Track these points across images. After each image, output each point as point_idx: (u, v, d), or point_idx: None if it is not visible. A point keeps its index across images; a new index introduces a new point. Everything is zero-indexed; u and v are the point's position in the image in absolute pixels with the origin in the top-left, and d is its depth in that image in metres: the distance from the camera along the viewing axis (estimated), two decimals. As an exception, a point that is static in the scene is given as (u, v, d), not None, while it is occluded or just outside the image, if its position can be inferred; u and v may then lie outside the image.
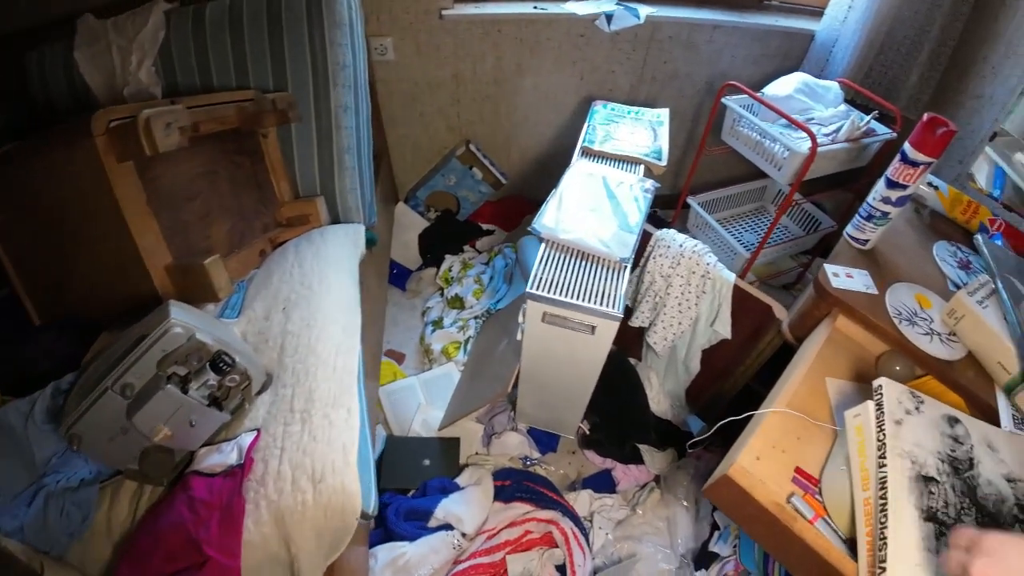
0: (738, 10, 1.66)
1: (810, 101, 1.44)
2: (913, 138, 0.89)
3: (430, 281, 1.73)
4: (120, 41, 1.24)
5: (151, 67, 1.24)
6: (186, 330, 0.82)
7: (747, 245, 1.59)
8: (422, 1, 1.44)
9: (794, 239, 1.63)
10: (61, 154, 0.93)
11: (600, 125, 1.30)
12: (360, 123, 1.34)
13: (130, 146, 0.90)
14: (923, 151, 0.88)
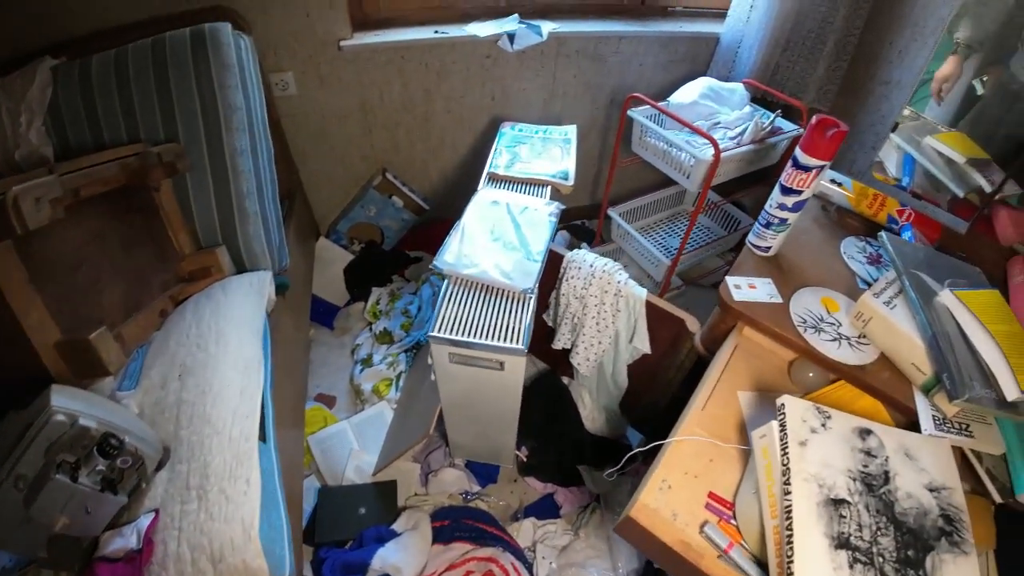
0: (642, 19, 1.69)
1: (716, 105, 1.47)
2: (804, 142, 0.90)
3: (359, 316, 1.68)
4: (8, 103, 1.17)
5: (40, 127, 1.18)
6: (69, 416, 0.78)
7: (671, 250, 1.62)
8: (319, 33, 1.40)
9: (716, 239, 1.67)
10: None
11: (506, 149, 1.29)
12: (261, 165, 1.30)
13: (2, 225, 0.85)
14: (814, 155, 0.89)
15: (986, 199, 1.15)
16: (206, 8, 1.29)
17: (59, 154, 1.20)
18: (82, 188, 0.97)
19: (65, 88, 1.18)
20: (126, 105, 1.18)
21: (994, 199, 1.17)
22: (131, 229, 1.15)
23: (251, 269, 1.28)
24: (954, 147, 1.27)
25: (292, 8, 1.35)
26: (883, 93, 1.86)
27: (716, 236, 1.74)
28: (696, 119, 1.42)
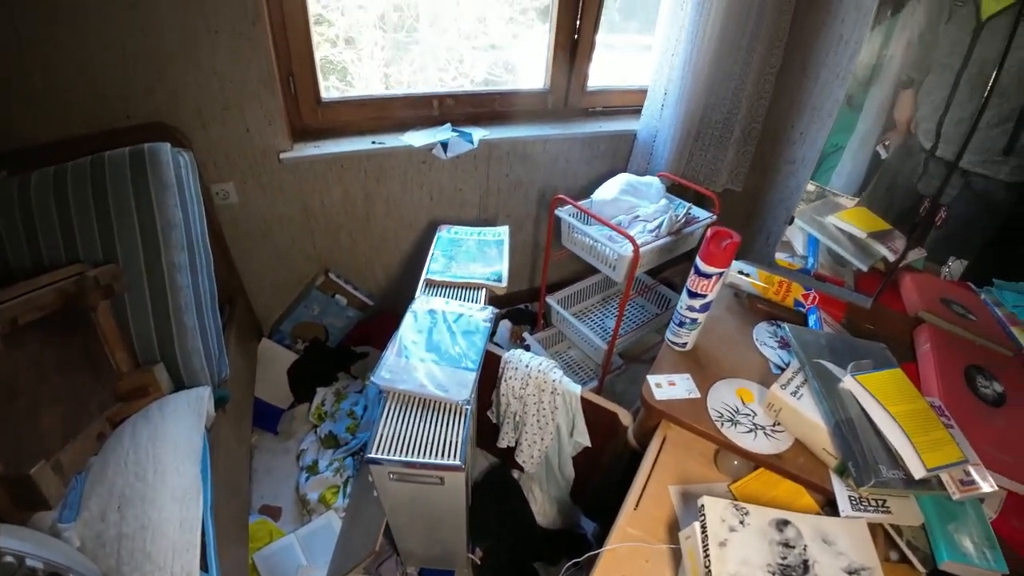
0: (566, 120, 1.85)
1: (635, 199, 1.61)
2: (702, 252, 1.01)
3: (303, 419, 1.67)
4: None
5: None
6: (16, 557, 0.76)
7: (608, 332, 1.71)
8: (258, 146, 1.47)
9: (651, 319, 1.78)
10: None
11: (442, 254, 1.37)
12: (200, 279, 1.31)
13: None
14: (712, 264, 1.00)
15: (890, 268, 1.27)
16: (146, 124, 1.34)
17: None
18: (19, 316, 0.97)
19: (3, 205, 1.18)
20: (65, 224, 1.18)
21: (898, 267, 1.29)
22: (68, 351, 1.13)
23: (190, 385, 1.27)
24: (855, 223, 1.42)
25: (231, 124, 1.42)
26: (790, 171, 2.09)
27: (651, 314, 1.85)
28: (618, 213, 1.55)
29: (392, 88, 2.33)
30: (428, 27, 2.85)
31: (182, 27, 1.27)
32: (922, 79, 1.23)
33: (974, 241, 1.35)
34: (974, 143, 1.16)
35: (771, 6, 1.73)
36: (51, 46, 1.20)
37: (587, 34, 1.76)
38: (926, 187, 1.28)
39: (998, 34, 1.09)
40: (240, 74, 1.36)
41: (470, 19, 2.90)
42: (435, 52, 2.90)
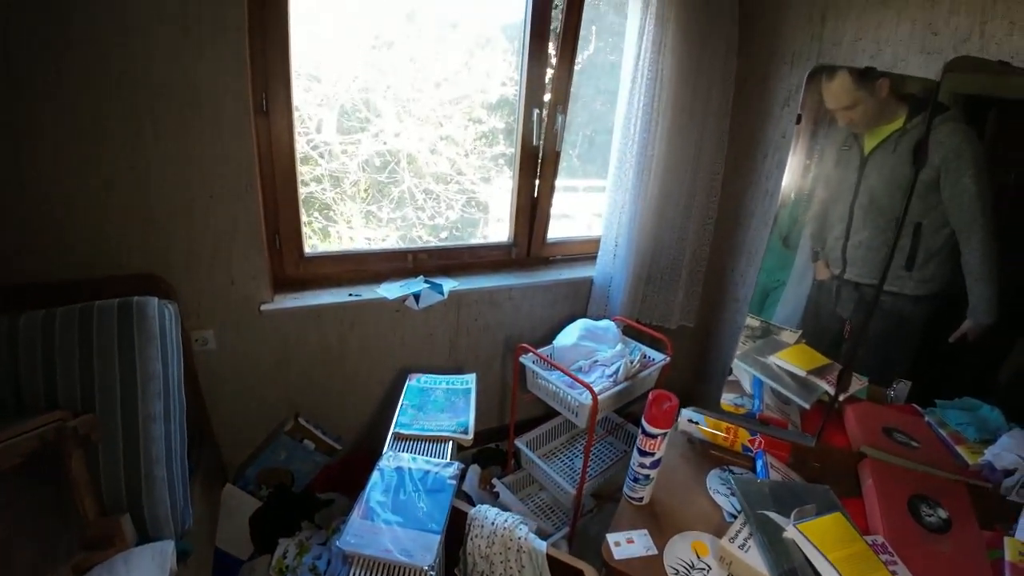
0: (529, 269, 2.04)
1: (593, 344, 1.74)
2: (646, 415, 1.11)
3: (263, 572, 1.60)
4: None
5: None
6: None
7: (577, 472, 1.75)
8: (241, 297, 1.57)
9: (621, 457, 1.84)
10: None
11: (411, 406, 1.44)
12: (172, 428, 1.34)
13: None
14: (656, 425, 1.10)
15: (831, 402, 1.35)
16: (134, 275, 1.43)
17: None
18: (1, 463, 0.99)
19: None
20: (48, 368, 1.23)
21: (838, 401, 1.37)
22: (38, 497, 1.12)
23: (154, 535, 1.26)
24: (795, 362, 1.53)
25: (217, 276, 1.53)
26: (735, 308, 2.28)
27: (619, 452, 1.91)
28: (578, 358, 1.67)
29: (372, 227, 2.54)
30: (407, 170, 3.14)
31: (182, 190, 1.42)
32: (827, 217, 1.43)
33: (898, 357, 1.48)
34: (872, 262, 1.34)
35: (704, 168, 2.02)
36: (55, 196, 1.32)
37: (545, 195, 2.00)
38: (844, 310, 1.44)
39: (879, 165, 1.33)
40: (231, 233, 1.50)
41: (445, 165, 3.22)
42: (413, 193, 3.18)
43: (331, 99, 2.64)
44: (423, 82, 3.03)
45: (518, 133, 1.94)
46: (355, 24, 2.55)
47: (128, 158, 1.35)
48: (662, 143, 1.89)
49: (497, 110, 3.08)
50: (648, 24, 1.76)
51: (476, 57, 2.97)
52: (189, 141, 1.38)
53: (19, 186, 1.28)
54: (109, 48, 1.25)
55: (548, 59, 1.89)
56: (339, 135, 2.73)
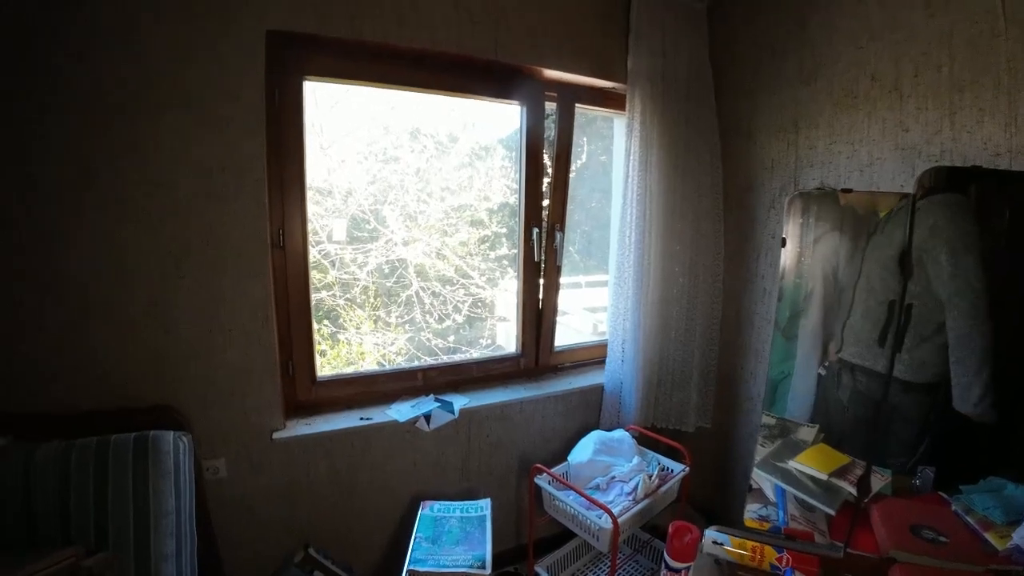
0: (538, 379, 2.06)
1: (609, 458, 1.72)
2: (668, 549, 1.10)
3: None
4: None
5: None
6: None
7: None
8: (254, 426, 1.60)
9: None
10: None
11: (425, 539, 1.41)
12: (183, 567, 1.32)
13: None
14: (679, 559, 1.09)
15: (857, 502, 1.32)
16: (151, 407, 1.47)
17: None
18: None
19: (6, 473, 1.23)
20: (62, 505, 1.23)
21: (864, 502, 1.34)
22: None
23: None
24: (815, 465, 1.50)
25: (230, 406, 1.57)
26: (749, 407, 2.26)
27: (647, 569, 1.83)
28: (595, 475, 1.65)
29: (380, 331, 2.59)
30: (414, 274, 3.26)
31: (201, 326, 1.50)
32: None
33: (905, 443, 1.43)
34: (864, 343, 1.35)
35: (703, 271, 2.09)
36: (78, 331, 1.39)
37: (549, 306, 2.07)
38: (843, 395, 1.44)
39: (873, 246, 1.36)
40: (246, 365, 1.56)
41: (450, 269, 3.35)
42: (421, 297, 3.27)
43: (341, 211, 2.80)
44: (427, 194, 3.23)
45: (520, 251, 2.04)
46: (362, 142, 2.77)
47: (151, 296, 1.44)
48: (657, 251, 1.99)
49: (498, 214, 3.25)
50: (633, 146, 1.92)
51: (476, 168, 3.19)
52: (210, 280, 1.49)
53: (41, 321, 1.36)
54: (136, 201, 1.38)
55: (543, 183, 2.02)
56: (349, 245, 2.88)
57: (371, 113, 2.75)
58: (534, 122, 1.96)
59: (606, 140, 2.76)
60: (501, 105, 2.07)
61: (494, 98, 1.94)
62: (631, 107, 1.90)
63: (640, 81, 1.89)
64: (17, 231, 1.31)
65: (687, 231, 2.05)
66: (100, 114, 1.33)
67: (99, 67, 1.31)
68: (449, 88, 1.84)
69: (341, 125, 2.59)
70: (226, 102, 1.43)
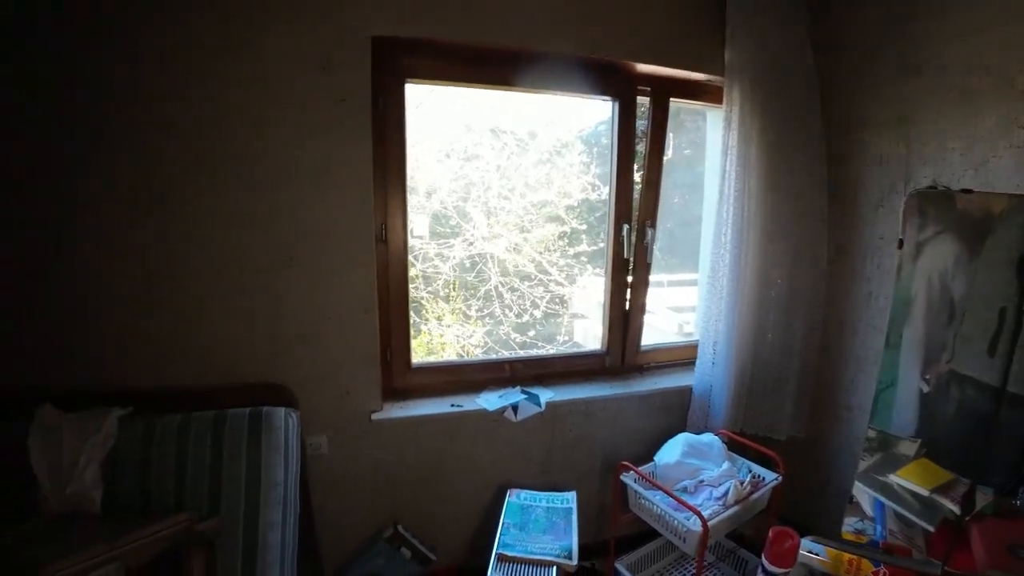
0: (623, 378, 2.07)
1: (698, 461, 1.70)
2: (767, 553, 1.09)
3: None
4: (73, 441, 1.35)
5: (96, 471, 1.34)
6: None
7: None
8: (354, 406, 1.73)
9: (727, 584, 1.74)
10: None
11: (513, 525, 1.47)
12: (287, 535, 1.44)
13: None
14: (778, 564, 1.08)
15: (958, 520, 1.27)
16: (262, 384, 1.62)
17: (105, 500, 1.34)
18: (132, 564, 1.11)
19: (127, 442, 1.38)
20: (178, 472, 1.37)
21: (965, 520, 1.29)
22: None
23: None
24: (917, 481, 1.44)
25: (334, 387, 1.71)
26: (848, 417, 2.15)
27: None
28: (682, 477, 1.64)
29: (459, 323, 2.68)
30: (494, 270, 3.35)
31: (310, 314, 1.63)
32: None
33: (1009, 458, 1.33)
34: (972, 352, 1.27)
35: (803, 274, 2.01)
36: (199, 315, 1.56)
37: (637, 305, 2.07)
38: (951, 408, 1.35)
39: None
40: (350, 350, 1.69)
41: (530, 265, 3.41)
42: (500, 292, 3.36)
43: (424, 208, 2.93)
44: (508, 190, 3.30)
45: (609, 247, 2.05)
46: (445, 140, 2.88)
47: (267, 286, 1.59)
48: (755, 251, 1.93)
49: (576, 211, 3.27)
50: (731, 141, 1.87)
51: (555, 164, 3.22)
52: (318, 272, 1.62)
53: (166, 306, 1.55)
54: (249, 202, 1.53)
55: (634, 179, 2.02)
56: (433, 240, 3.01)
57: (453, 112, 2.85)
58: (626, 117, 1.96)
59: (690, 134, 2.71)
60: (582, 101, 2.09)
61: (587, 94, 1.96)
62: (728, 101, 1.86)
63: (738, 74, 1.84)
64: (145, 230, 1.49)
65: (787, 230, 1.97)
66: (220, 123, 1.48)
67: (216, 80, 1.46)
68: (542, 86, 1.88)
69: (425, 125, 2.71)
70: (335, 106, 1.55)
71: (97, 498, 1.35)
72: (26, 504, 1.31)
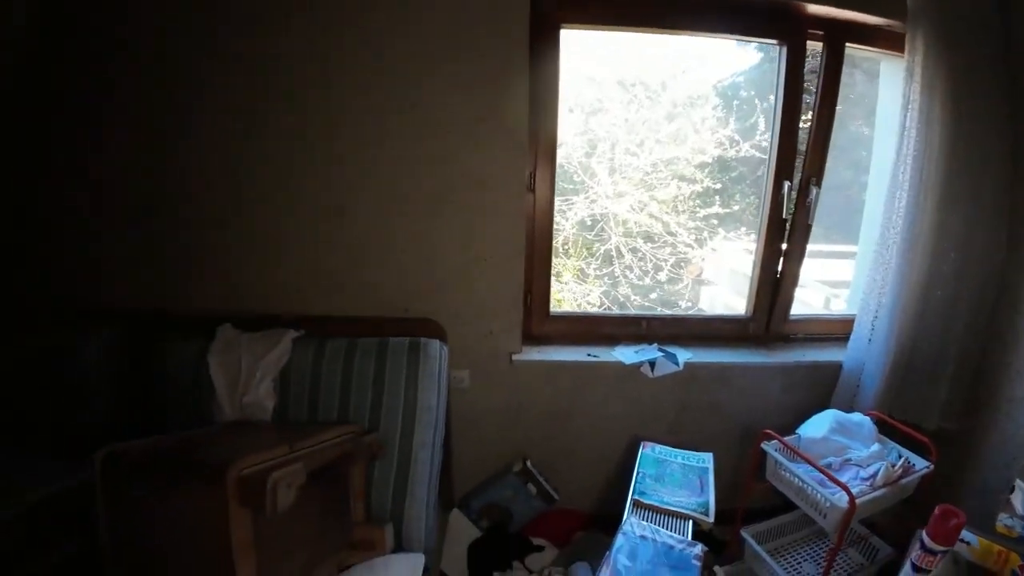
0: (766, 347, 2.01)
1: (845, 440, 1.64)
2: (930, 529, 1.06)
3: (476, 602, 1.79)
4: (250, 357, 1.58)
5: (270, 384, 1.57)
6: None
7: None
8: (497, 346, 1.86)
9: (856, 571, 1.68)
10: (191, 488, 1.13)
11: (649, 475, 1.52)
12: (434, 456, 1.60)
13: (253, 498, 1.09)
14: (940, 542, 1.05)
15: None
16: (417, 319, 1.78)
17: (275, 414, 1.56)
18: (311, 466, 1.24)
19: (298, 360, 1.59)
20: (344, 389, 1.56)
21: None
22: (323, 498, 1.38)
23: (406, 547, 1.51)
24: None
25: (480, 327, 1.84)
26: (1009, 409, 1.95)
27: (855, 565, 1.74)
28: (827, 454, 1.59)
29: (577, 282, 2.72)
30: (615, 229, 3.32)
31: (462, 255, 1.76)
32: None
33: None
34: None
35: (977, 250, 1.81)
36: (366, 254, 1.74)
37: (791, 269, 1.98)
38: None
39: None
40: (496, 292, 1.80)
41: (655, 225, 3.34)
42: (621, 252, 3.34)
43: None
44: (636, 145, 3.21)
45: (765, 205, 1.96)
46: (571, 93, 2.83)
47: (425, 226, 1.73)
48: (930, 221, 1.76)
49: (708, 169, 3.12)
50: (912, 94, 1.68)
51: (689, 117, 3.07)
52: (471, 217, 1.73)
53: (335, 241, 1.75)
54: (411, 149, 1.66)
55: (799, 132, 1.90)
56: (557, 196, 3.02)
57: (579, 65, 2.76)
58: (795, 62, 1.83)
59: (844, 88, 2.48)
60: (718, 51, 1.97)
61: (751, 37, 1.86)
62: (911, 49, 1.66)
63: (922, 18, 1.65)
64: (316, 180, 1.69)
65: (965, 201, 1.77)
66: (383, 75, 1.60)
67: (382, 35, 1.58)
68: (700, 28, 1.81)
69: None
70: (492, 56, 1.61)
71: (270, 408, 1.57)
72: (203, 411, 1.57)
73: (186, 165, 1.67)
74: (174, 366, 1.61)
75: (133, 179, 1.68)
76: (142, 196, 1.70)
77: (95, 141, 1.64)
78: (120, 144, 1.65)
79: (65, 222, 1.73)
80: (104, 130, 1.64)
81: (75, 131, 1.64)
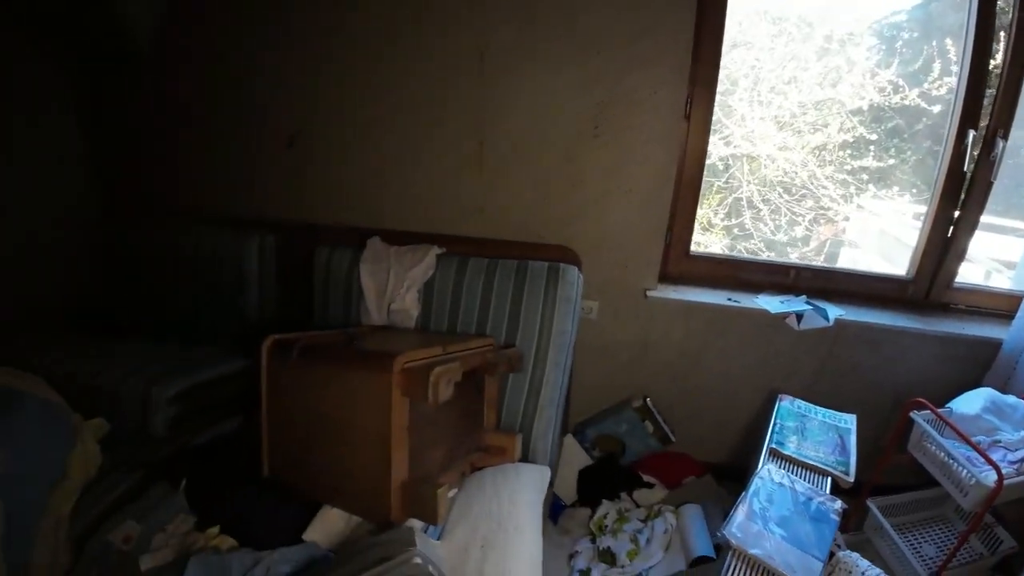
0: (923, 313, 1.88)
1: (997, 421, 1.55)
2: None
3: (582, 522, 1.90)
4: (398, 268, 1.73)
5: (415, 295, 1.71)
6: (424, 561, 1.06)
7: (924, 558, 1.62)
8: (630, 280, 1.88)
9: (975, 560, 1.63)
10: (359, 375, 1.27)
11: (788, 426, 1.52)
12: (563, 378, 1.69)
13: (416, 390, 1.21)
14: None
15: None
16: (554, 245, 1.83)
17: (419, 319, 1.71)
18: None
19: (442, 274, 1.71)
20: (484, 305, 1.67)
21: None
22: (464, 401, 1.51)
23: (531, 459, 1.62)
24: None
25: (615, 258, 1.86)
26: None
27: (975, 554, 1.68)
28: (976, 433, 1.52)
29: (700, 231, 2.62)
30: (748, 177, 3.16)
31: (603, 183, 1.76)
32: None
33: None
34: None
35: None
36: (508, 184, 1.81)
37: (963, 231, 1.82)
38: None
39: None
40: (636, 224, 1.80)
41: (799, 174, 3.14)
42: (752, 201, 3.18)
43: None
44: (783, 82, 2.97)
45: (944, 156, 1.79)
46: None
47: (568, 153, 1.75)
48: None
49: (861, 117, 2.84)
50: None
51: (847, 56, 2.79)
52: (621, 141, 1.71)
53: (483, 163, 1.82)
54: (569, 68, 1.67)
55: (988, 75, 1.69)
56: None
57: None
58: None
59: None
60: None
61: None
62: None
63: None
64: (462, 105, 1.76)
65: None
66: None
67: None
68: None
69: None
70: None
71: (415, 316, 1.72)
72: (350, 315, 1.74)
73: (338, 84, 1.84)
74: (326, 272, 1.81)
75: (287, 109, 1.89)
76: (293, 124, 1.90)
77: (249, 87, 1.90)
78: (271, 80, 1.87)
79: (231, 147, 1.98)
80: (266, 66, 1.87)
81: (237, 75, 1.89)
